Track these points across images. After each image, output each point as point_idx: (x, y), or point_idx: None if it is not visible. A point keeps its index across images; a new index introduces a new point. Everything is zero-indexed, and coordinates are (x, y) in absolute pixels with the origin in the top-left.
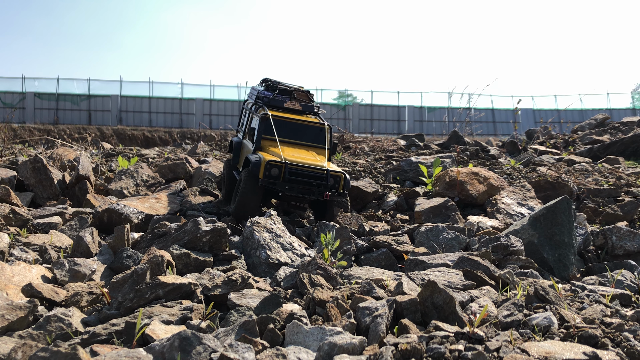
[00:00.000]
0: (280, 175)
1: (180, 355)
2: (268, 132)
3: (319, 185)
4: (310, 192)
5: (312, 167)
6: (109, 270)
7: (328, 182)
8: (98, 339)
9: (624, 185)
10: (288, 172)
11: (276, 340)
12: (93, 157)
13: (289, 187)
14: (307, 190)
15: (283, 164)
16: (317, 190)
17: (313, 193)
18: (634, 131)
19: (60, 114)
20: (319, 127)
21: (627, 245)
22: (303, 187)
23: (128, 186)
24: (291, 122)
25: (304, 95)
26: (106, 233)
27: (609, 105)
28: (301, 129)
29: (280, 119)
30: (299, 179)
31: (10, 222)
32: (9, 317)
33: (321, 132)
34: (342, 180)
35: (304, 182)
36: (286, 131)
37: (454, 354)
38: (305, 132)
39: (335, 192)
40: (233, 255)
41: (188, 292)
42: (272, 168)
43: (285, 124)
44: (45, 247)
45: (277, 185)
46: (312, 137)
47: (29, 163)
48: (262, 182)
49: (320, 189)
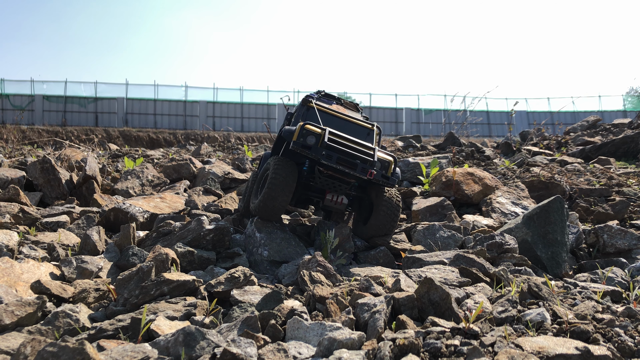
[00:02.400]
0: (318, 141)
1: (184, 350)
2: (308, 119)
3: (362, 161)
4: (353, 166)
5: (356, 142)
6: (115, 267)
7: (374, 159)
8: (105, 334)
9: (615, 185)
10: (327, 138)
11: (277, 335)
12: (100, 157)
13: (325, 153)
14: (348, 164)
15: (322, 131)
16: (360, 167)
17: (354, 168)
18: (624, 133)
19: (68, 116)
20: (367, 128)
21: (617, 244)
22: (343, 160)
23: (134, 186)
24: (337, 116)
25: (351, 105)
26: (112, 231)
27: (600, 108)
28: (348, 126)
29: (325, 110)
30: (339, 147)
31: (20, 220)
32: (19, 313)
33: (369, 134)
34: (391, 166)
35: (345, 153)
36: (330, 125)
37: (450, 348)
38: (353, 130)
39: (381, 175)
40: (235, 253)
41: (192, 288)
42: (308, 134)
43: (330, 117)
44: (54, 245)
45: (312, 150)
46: (359, 136)
47: (37, 164)
48: (294, 146)
49: (365, 165)
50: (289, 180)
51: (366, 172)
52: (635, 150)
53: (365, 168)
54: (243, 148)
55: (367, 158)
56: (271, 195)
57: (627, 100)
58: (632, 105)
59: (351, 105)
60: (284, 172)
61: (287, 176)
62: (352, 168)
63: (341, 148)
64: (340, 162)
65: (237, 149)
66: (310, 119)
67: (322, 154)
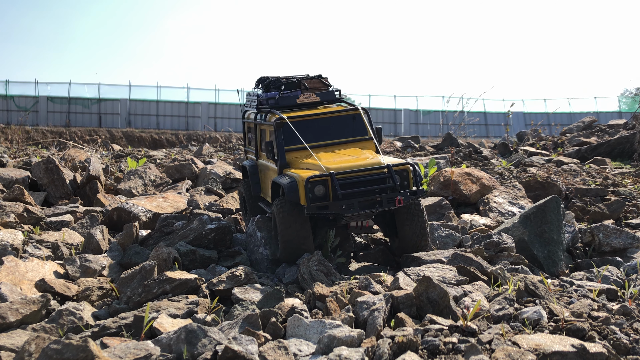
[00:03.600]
0: (329, 193)
1: (186, 348)
2: (290, 141)
3: (383, 191)
4: (376, 203)
5: (367, 169)
6: (119, 266)
7: (395, 181)
8: (108, 331)
9: (610, 185)
10: (338, 185)
11: (278, 333)
12: (103, 158)
13: (346, 206)
14: (371, 202)
15: (327, 177)
16: (385, 198)
17: (380, 204)
18: (620, 133)
19: (71, 117)
20: (351, 115)
21: (613, 243)
22: (365, 201)
23: (137, 186)
24: (316, 119)
25: (316, 82)
26: (116, 231)
27: (596, 109)
28: (331, 124)
29: (301, 119)
30: (355, 190)
31: (24, 220)
32: (23, 311)
33: (356, 119)
34: (411, 174)
35: (364, 193)
36: (313, 133)
37: (448, 346)
38: (337, 126)
39: (409, 193)
40: (237, 252)
41: (194, 287)
42: (315, 186)
43: (309, 124)
44: (58, 244)
45: (330, 207)
46: (348, 129)
47: (42, 164)
48: (308, 212)
49: (388, 194)
50: (301, 235)
51: (394, 202)
52: (630, 150)
53: (390, 198)
54: None
55: (388, 185)
56: (290, 248)
57: (622, 101)
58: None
59: (317, 82)
60: (295, 229)
61: (299, 231)
62: (378, 205)
63: (358, 189)
64: (364, 204)
65: (238, 149)
66: (290, 139)
67: (343, 207)
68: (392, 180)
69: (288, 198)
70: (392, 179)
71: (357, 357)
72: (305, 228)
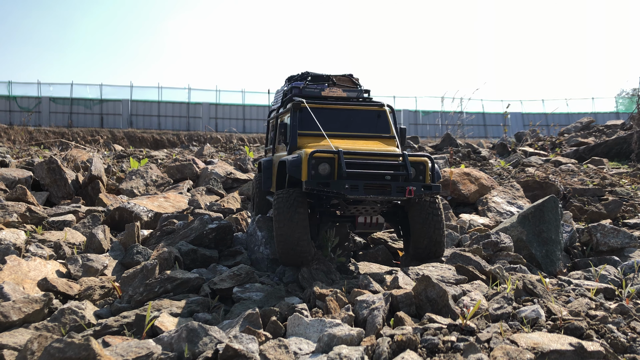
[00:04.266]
0: (334, 173)
1: (187, 346)
2: (306, 126)
3: (394, 179)
4: (384, 190)
5: (379, 154)
6: (120, 265)
7: (408, 171)
8: (110, 330)
9: (607, 185)
10: (345, 163)
11: (278, 331)
12: (105, 158)
13: (349, 186)
14: (379, 188)
15: (335, 154)
16: (395, 187)
17: (388, 191)
18: (617, 134)
19: (74, 118)
20: (376, 112)
21: (610, 242)
22: (371, 185)
23: (138, 186)
24: (337, 109)
25: (346, 80)
26: (117, 230)
27: (593, 109)
28: (352, 117)
29: (321, 106)
30: (362, 172)
31: (27, 219)
32: (26, 310)
33: (380, 117)
34: (428, 168)
35: (372, 177)
36: (333, 123)
37: (447, 344)
38: (359, 120)
39: (422, 187)
40: (237, 251)
41: (195, 286)
42: (319, 163)
43: (329, 113)
44: (60, 243)
45: (332, 186)
46: (370, 125)
47: (44, 164)
48: (307, 186)
49: (398, 182)
50: (298, 224)
51: (404, 192)
52: (627, 151)
53: (401, 187)
54: (245, 149)
55: (400, 172)
56: (284, 248)
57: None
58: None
59: (346, 80)
60: (290, 216)
61: (297, 228)
62: (386, 192)
63: (366, 171)
64: (370, 189)
65: (239, 149)
66: (306, 124)
67: (346, 187)
68: (405, 169)
69: (289, 172)
70: (406, 168)
71: (356, 355)
72: (303, 224)
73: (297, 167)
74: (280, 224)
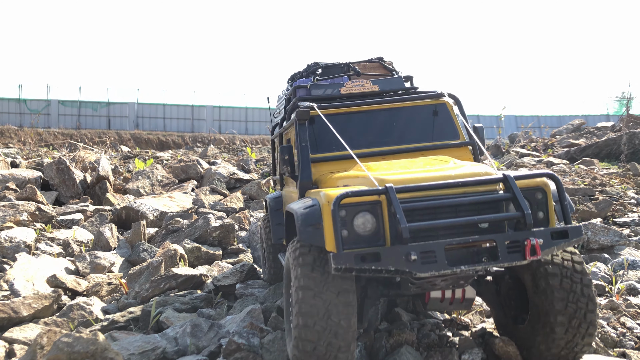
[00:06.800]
0: (382, 228)
1: (192, 340)
2: (321, 144)
3: (496, 226)
4: (482, 252)
5: (459, 183)
6: (127, 262)
7: (524, 208)
8: (117, 325)
9: (598, 185)
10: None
11: (280, 326)
12: (112, 159)
13: (418, 254)
14: (472, 250)
15: (382, 194)
16: (503, 244)
17: (492, 254)
18: (607, 135)
19: (82, 120)
20: (431, 107)
21: (601, 240)
22: (459, 246)
23: (144, 186)
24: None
25: (375, 67)
26: (124, 228)
27: (585, 112)
28: (394, 121)
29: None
30: (437, 223)
31: (37, 218)
32: (35, 306)
33: (440, 115)
34: (550, 197)
35: (456, 229)
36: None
37: (443, 339)
38: (406, 125)
39: (552, 233)
40: (240, 249)
41: (199, 282)
42: (355, 215)
43: (356, 120)
44: (69, 241)
45: (384, 259)
46: (424, 130)
47: (53, 165)
48: (338, 265)
49: (508, 234)
50: (340, 324)
51: (523, 253)
52: (617, 152)
53: (515, 242)
54: (247, 150)
55: (507, 215)
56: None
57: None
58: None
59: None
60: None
61: (335, 316)
62: (488, 256)
63: (443, 222)
64: (457, 255)
65: (241, 150)
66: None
67: (411, 259)
68: (517, 204)
69: (301, 238)
70: (517, 202)
71: None
72: (347, 322)
73: (313, 225)
74: (305, 319)
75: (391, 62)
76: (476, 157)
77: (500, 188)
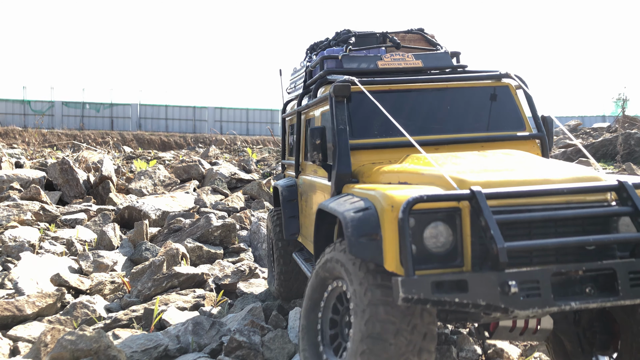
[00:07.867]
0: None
1: (193, 338)
2: (363, 128)
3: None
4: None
5: (567, 189)
6: (130, 261)
7: None
8: (119, 323)
9: None
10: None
11: (280, 324)
12: (115, 159)
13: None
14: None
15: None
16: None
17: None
18: (603, 136)
19: (85, 121)
20: (489, 90)
21: None
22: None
23: (147, 185)
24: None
25: (416, 38)
26: (127, 228)
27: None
28: (447, 104)
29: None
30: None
31: (40, 218)
32: (39, 304)
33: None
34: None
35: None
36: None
37: (442, 337)
38: (460, 109)
39: None
40: (241, 248)
41: (201, 281)
42: (427, 224)
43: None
44: (72, 240)
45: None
46: (482, 117)
47: (57, 165)
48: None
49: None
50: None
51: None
52: (613, 152)
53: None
54: (248, 150)
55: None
56: None
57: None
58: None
59: (416, 39)
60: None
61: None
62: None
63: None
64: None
65: (242, 151)
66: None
67: (512, 291)
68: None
69: (352, 251)
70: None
71: None
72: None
73: (368, 237)
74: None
75: (433, 35)
76: (545, 154)
77: (613, 198)
